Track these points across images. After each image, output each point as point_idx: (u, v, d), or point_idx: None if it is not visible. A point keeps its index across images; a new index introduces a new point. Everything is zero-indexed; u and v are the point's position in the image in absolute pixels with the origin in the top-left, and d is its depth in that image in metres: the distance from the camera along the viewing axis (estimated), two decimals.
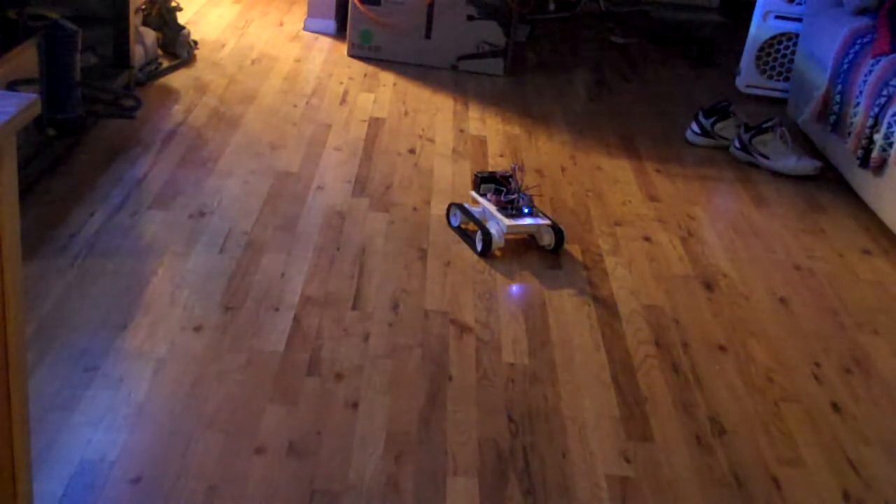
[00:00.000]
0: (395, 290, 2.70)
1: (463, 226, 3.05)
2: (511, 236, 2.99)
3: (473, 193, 3.12)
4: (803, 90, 4.12)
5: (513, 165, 3.32)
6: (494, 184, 3.11)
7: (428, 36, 4.49)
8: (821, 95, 3.85)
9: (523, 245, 3.01)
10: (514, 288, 2.79)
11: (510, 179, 3.12)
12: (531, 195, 3.10)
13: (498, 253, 2.94)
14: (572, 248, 3.03)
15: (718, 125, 3.93)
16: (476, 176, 3.14)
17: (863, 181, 3.50)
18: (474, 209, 3.05)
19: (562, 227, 3.00)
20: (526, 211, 3.02)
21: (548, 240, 2.98)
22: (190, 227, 2.90)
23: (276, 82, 4.11)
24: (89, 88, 3.33)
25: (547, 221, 3.00)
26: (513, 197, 3.04)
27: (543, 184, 3.46)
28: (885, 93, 3.36)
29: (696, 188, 3.59)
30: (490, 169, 3.47)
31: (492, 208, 3.02)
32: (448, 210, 3.10)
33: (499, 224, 2.96)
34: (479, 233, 2.94)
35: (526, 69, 4.66)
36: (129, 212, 2.94)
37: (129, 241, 2.79)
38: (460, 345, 2.50)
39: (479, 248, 2.92)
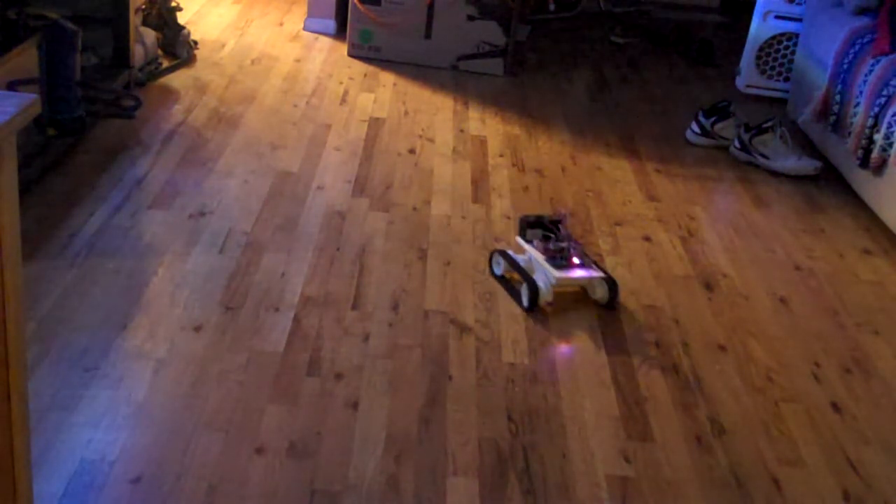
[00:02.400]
0: (395, 290, 2.70)
1: (507, 275, 2.78)
2: (560, 289, 2.71)
3: (519, 239, 2.84)
4: (803, 90, 4.12)
5: (562, 211, 2.97)
6: (542, 229, 2.82)
7: (428, 36, 4.49)
8: (821, 95, 3.85)
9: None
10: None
11: (559, 225, 2.82)
12: (582, 245, 2.81)
13: (547, 309, 2.68)
14: None
15: (718, 125, 3.93)
16: (522, 220, 2.86)
17: (863, 181, 3.50)
18: (519, 257, 2.78)
19: (616, 279, 2.75)
20: (577, 262, 2.72)
21: (601, 293, 2.71)
22: (190, 227, 2.90)
23: (276, 82, 4.12)
24: (89, 88, 3.33)
25: (600, 274, 2.72)
26: (563, 245, 2.75)
27: (543, 184, 3.46)
28: (885, 93, 3.36)
29: (696, 188, 3.59)
30: (537, 212, 3.09)
31: (539, 257, 2.73)
32: (491, 257, 2.83)
33: (546, 275, 2.68)
34: (524, 285, 2.67)
35: (526, 69, 4.66)
36: (129, 212, 2.94)
37: (129, 241, 2.79)
38: (460, 345, 2.50)
39: (524, 302, 2.65)
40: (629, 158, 3.77)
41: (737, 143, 3.86)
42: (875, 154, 3.34)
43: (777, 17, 4.46)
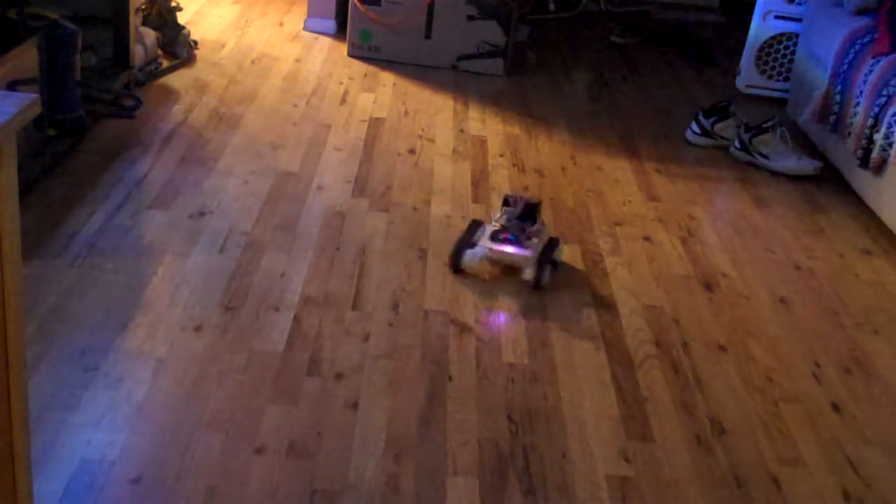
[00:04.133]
0: (395, 290, 2.70)
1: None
2: (490, 262, 2.84)
3: (496, 214, 3.02)
4: (803, 90, 4.12)
5: (514, 196, 3.04)
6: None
7: (428, 36, 4.49)
8: (821, 95, 3.85)
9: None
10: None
11: (536, 209, 2.96)
12: (542, 231, 2.92)
13: (468, 272, 2.80)
14: (572, 248, 3.03)
15: (718, 125, 3.93)
16: (505, 197, 3.01)
17: (863, 181, 3.50)
18: (488, 227, 2.93)
19: (547, 266, 2.81)
20: (511, 239, 2.86)
21: (529, 274, 2.79)
22: (190, 227, 2.90)
23: (276, 82, 4.12)
24: (89, 88, 3.33)
25: (528, 253, 2.81)
26: (508, 226, 2.90)
27: (543, 184, 3.46)
28: (885, 93, 3.36)
29: (696, 188, 3.59)
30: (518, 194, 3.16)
31: (489, 231, 2.90)
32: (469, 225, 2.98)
33: (483, 246, 2.85)
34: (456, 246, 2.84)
35: (526, 69, 4.66)
36: (129, 212, 2.94)
37: (129, 241, 2.79)
38: (460, 345, 2.50)
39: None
40: (629, 158, 3.77)
41: (737, 143, 3.86)
42: (875, 154, 3.34)
43: (777, 17, 4.45)
